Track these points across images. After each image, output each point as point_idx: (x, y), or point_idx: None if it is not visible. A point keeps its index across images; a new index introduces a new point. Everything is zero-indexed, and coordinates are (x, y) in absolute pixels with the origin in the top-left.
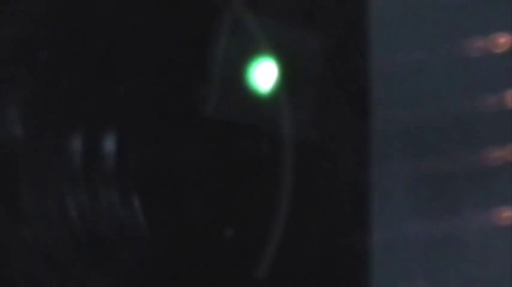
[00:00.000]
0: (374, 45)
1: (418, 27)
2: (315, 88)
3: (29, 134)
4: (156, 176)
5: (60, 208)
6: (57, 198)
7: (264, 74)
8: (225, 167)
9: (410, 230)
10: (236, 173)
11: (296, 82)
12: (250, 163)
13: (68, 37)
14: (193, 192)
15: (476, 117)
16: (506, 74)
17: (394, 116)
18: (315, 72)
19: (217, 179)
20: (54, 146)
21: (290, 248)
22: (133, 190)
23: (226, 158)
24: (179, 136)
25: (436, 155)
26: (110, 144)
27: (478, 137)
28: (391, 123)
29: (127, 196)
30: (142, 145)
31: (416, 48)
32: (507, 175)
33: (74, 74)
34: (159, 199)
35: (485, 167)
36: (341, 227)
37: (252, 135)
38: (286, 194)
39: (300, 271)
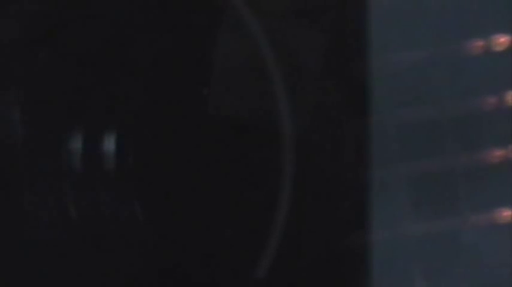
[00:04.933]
0: (374, 45)
1: (418, 27)
2: (315, 88)
3: (29, 134)
4: (155, 176)
5: (60, 208)
6: (57, 198)
7: (265, 74)
8: (225, 166)
9: (410, 230)
10: (236, 173)
11: (296, 82)
12: (250, 162)
13: (68, 37)
14: (193, 192)
15: (476, 117)
16: (506, 74)
17: (394, 116)
18: (315, 72)
19: (218, 179)
20: (54, 146)
21: (290, 248)
22: (133, 190)
23: (227, 158)
24: (179, 136)
25: (436, 155)
26: (109, 144)
27: (478, 137)
28: (391, 123)
29: (127, 195)
30: (142, 144)
31: (416, 48)
32: (507, 175)
33: (74, 74)
34: (158, 199)
35: (485, 167)
36: (341, 227)
37: (252, 135)
38: (286, 194)
39: (300, 271)
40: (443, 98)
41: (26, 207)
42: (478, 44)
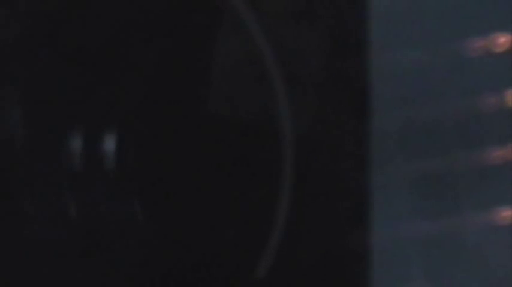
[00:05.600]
0: (374, 45)
1: (418, 27)
2: (315, 88)
3: (29, 134)
4: (155, 176)
5: (60, 208)
6: (57, 198)
7: (265, 74)
8: (225, 166)
9: (410, 230)
10: (236, 173)
11: (296, 82)
12: (250, 162)
13: (68, 37)
14: (193, 191)
15: (476, 117)
16: (506, 74)
17: (393, 116)
18: (315, 73)
19: (218, 179)
20: (54, 146)
21: (290, 248)
22: (133, 190)
23: (227, 158)
24: (179, 136)
25: (436, 155)
26: (109, 144)
27: (478, 137)
28: (391, 123)
29: (127, 195)
30: (142, 144)
31: (416, 48)
32: (507, 175)
33: (74, 74)
34: (158, 198)
35: (485, 167)
36: (341, 228)
37: (252, 135)
38: (286, 194)
39: (300, 271)
40: (443, 98)
41: (25, 207)
42: (478, 44)
